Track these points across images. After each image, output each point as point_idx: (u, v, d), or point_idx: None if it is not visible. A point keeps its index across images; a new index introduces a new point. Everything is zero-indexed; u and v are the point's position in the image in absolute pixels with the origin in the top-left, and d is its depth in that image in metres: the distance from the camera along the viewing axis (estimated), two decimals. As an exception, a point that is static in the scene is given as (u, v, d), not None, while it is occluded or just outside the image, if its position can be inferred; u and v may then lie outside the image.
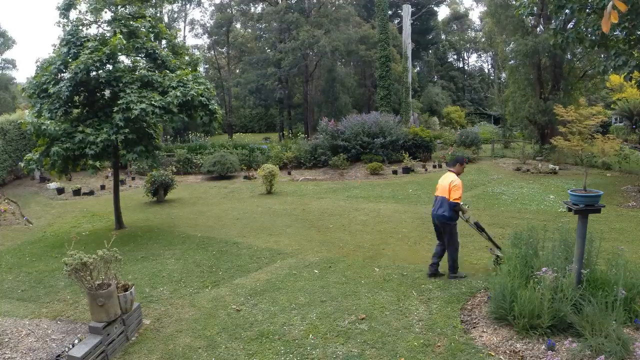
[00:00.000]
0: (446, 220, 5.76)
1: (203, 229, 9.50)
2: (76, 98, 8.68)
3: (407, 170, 16.52)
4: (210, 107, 8.88)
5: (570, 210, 4.31)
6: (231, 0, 37.53)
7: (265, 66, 31.79)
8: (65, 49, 8.39)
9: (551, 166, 15.57)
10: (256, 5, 37.14)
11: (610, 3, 1.80)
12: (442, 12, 61.93)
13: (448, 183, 5.78)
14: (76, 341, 4.38)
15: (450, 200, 5.69)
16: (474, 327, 4.55)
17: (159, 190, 13.02)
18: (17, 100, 33.95)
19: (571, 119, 4.89)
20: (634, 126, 25.14)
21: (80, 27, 8.82)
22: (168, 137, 26.29)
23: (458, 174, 5.95)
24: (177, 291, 5.94)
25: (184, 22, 38.86)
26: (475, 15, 56.59)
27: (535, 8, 12.80)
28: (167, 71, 8.93)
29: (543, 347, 3.96)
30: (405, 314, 4.93)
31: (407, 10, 31.08)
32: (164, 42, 9.92)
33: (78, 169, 9.23)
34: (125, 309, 4.59)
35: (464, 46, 53.24)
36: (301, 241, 8.20)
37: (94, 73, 7.97)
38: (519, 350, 3.99)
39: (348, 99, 33.59)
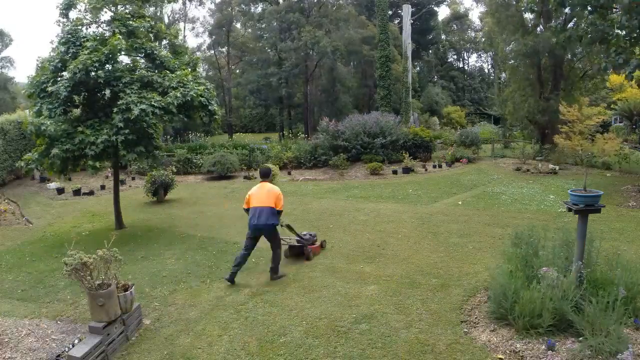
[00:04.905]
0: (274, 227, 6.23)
1: (203, 229, 9.50)
2: (76, 98, 8.67)
3: (407, 171, 16.49)
4: (210, 107, 8.87)
5: (570, 210, 4.30)
6: (231, -1, 37.57)
7: (265, 66, 31.78)
8: (63, 48, 8.38)
9: (551, 166, 15.54)
10: (257, 5, 37.14)
11: None
12: (442, 12, 62.02)
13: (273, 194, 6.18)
14: (76, 341, 4.38)
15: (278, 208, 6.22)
16: (474, 327, 4.55)
17: (159, 190, 13.02)
18: (17, 100, 33.91)
19: (573, 119, 4.90)
20: (634, 126, 25.11)
21: (80, 27, 8.81)
22: (168, 137, 26.27)
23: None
24: (177, 291, 5.94)
25: (184, 21, 38.88)
26: (475, 15, 56.58)
27: (536, 6, 12.80)
28: (167, 71, 8.92)
29: (543, 347, 3.96)
30: (406, 314, 4.93)
31: (407, 10, 31.06)
32: (164, 42, 9.91)
33: (78, 170, 9.24)
34: (125, 309, 4.59)
35: (464, 46, 53.21)
36: (301, 241, 8.18)
37: (93, 73, 7.97)
38: (519, 350, 3.99)
39: (348, 98, 33.57)
